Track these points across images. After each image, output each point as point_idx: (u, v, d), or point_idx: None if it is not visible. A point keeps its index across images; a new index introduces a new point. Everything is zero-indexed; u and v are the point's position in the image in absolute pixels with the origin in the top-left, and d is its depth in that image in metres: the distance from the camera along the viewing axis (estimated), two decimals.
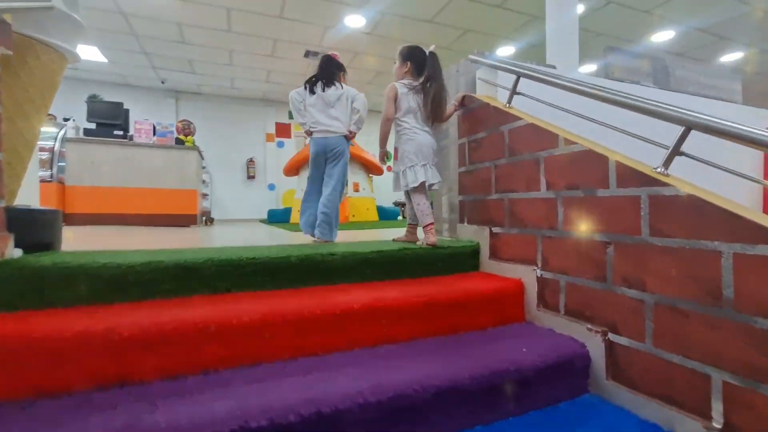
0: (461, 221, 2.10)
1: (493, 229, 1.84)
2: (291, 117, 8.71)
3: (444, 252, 1.83)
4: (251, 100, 8.44)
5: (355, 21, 4.98)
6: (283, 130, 8.67)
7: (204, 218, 5.81)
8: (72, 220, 4.52)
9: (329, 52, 2.39)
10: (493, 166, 1.84)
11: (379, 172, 6.70)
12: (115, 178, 4.72)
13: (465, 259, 1.90)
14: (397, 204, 9.12)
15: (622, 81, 2.35)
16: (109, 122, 4.78)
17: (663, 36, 5.40)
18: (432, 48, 2.01)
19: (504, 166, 1.76)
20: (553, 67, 2.37)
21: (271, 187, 8.51)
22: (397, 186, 2.04)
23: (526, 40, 5.61)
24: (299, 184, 6.14)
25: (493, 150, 1.84)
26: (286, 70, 6.78)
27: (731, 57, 6.18)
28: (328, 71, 2.33)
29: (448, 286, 1.59)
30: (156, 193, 4.88)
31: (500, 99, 2.00)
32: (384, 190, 8.47)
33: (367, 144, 7.90)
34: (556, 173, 1.47)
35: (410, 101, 1.97)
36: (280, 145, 8.65)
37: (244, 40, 5.59)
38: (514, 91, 1.79)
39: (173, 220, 4.92)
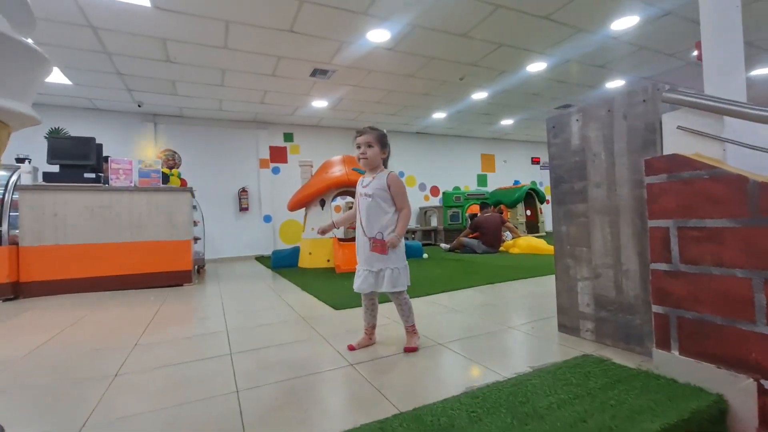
0: (662, 346, 1.36)
1: (764, 383, 1.11)
2: (287, 139, 7.83)
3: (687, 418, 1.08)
4: (241, 122, 7.49)
5: (378, 35, 4.24)
6: (278, 155, 7.73)
7: (197, 267, 4.86)
8: (28, 290, 3.52)
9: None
10: (760, 280, 1.11)
11: None
12: (85, 234, 3.75)
13: (708, 425, 1.16)
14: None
15: None
16: (77, 163, 3.82)
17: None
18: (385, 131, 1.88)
19: None
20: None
21: (267, 218, 7.56)
22: (396, 284, 1.71)
23: (561, 56, 5.04)
24: (310, 221, 5.29)
25: (754, 252, 1.12)
26: (286, 90, 5.94)
27: None
28: None
29: None
30: (139, 248, 3.93)
31: (730, 161, 1.30)
32: None
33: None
34: None
35: None
36: (276, 171, 7.71)
37: (243, 57, 4.75)
38: None
39: (162, 279, 3.98)
